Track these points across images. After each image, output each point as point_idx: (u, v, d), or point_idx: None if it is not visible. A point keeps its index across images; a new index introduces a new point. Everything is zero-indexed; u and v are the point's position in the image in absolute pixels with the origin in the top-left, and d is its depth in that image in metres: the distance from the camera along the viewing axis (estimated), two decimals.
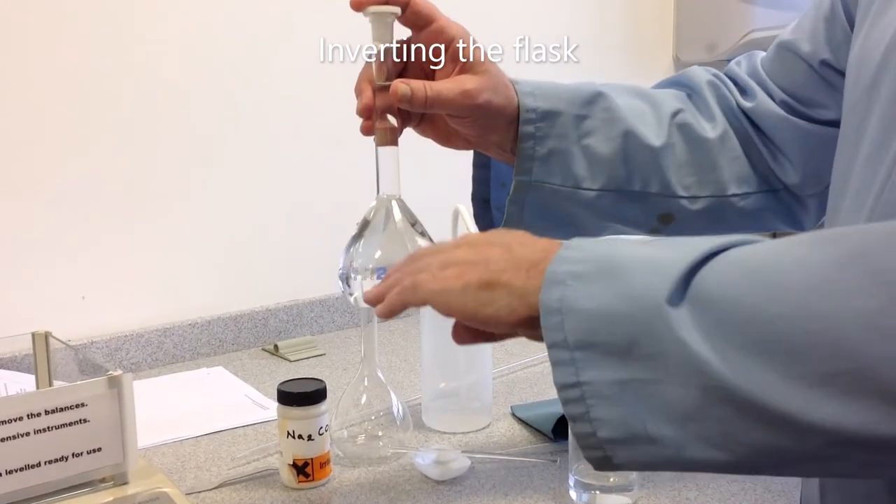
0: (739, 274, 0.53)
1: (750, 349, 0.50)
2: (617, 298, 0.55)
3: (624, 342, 0.54)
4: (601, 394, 0.55)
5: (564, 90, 0.90)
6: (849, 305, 0.49)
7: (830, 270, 0.50)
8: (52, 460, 0.84)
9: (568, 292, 0.56)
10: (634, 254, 0.57)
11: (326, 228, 1.55)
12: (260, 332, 1.50)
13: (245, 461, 1.05)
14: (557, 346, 0.56)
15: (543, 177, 0.87)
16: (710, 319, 0.52)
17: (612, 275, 0.56)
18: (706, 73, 0.98)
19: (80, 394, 0.85)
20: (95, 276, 1.38)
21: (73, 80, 1.32)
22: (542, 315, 0.57)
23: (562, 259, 0.58)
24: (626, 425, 0.54)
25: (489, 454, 1.06)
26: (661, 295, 0.53)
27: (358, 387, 1.07)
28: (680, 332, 0.52)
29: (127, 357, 1.38)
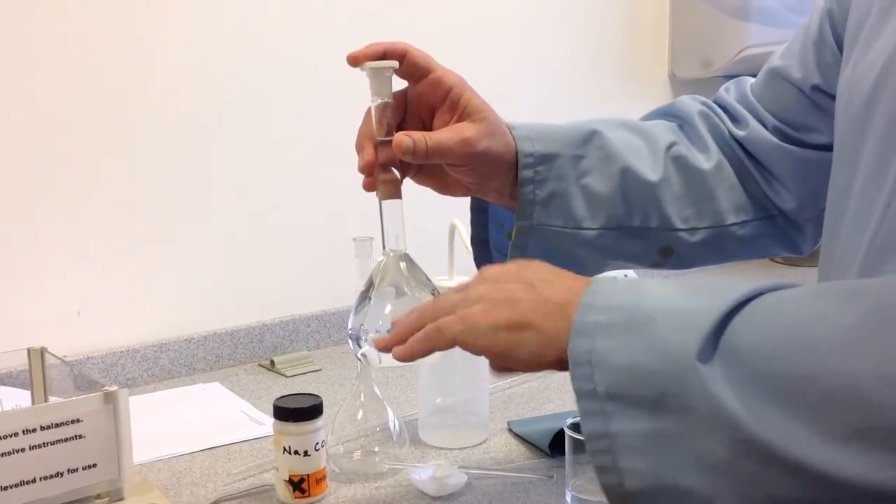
0: (767, 331, 0.54)
1: (780, 405, 0.51)
2: (646, 353, 0.56)
3: (654, 395, 0.55)
4: (630, 445, 0.56)
5: (560, 131, 0.90)
6: (874, 364, 0.50)
7: (854, 328, 0.51)
8: (47, 476, 0.84)
9: (597, 344, 0.57)
10: (662, 305, 0.57)
11: (323, 244, 1.55)
12: (256, 347, 1.50)
13: (241, 477, 1.05)
14: (587, 397, 0.57)
15: (545, 220, 0.87)
16: (739, 376, 0.53)
17: (641, 328, 0.56)
18: (696, 104, 0.99)
19: (76, 409, 0.85)
20: (91, 292, 1.38)
21: (72, 96, 1.33)
22: (571, 365, 0.58)
23: (588, 308, 0.59)
24: (654, 476, 0.55)
25: (486, 470, 1.06)
26: (691, 351, 0.54)
27: (354, 402, 1.07)
28: (711, 387, 0.53)
29: (122, 373, 1.38)
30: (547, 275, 0.65)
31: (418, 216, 1.02)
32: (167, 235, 1.43)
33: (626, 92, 1.92)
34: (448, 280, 1.17)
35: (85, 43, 1.33)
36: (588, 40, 1.87)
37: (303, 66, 1.51)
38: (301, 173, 1.53)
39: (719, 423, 0.53)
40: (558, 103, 1.82)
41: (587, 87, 1.87)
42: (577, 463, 0.93)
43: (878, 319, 0.51)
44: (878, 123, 0.71)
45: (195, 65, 1.42)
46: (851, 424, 0.49)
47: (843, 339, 0.51)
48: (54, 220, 1.33)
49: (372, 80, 0.81)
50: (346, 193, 1.55)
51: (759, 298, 0.56)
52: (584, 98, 1.86)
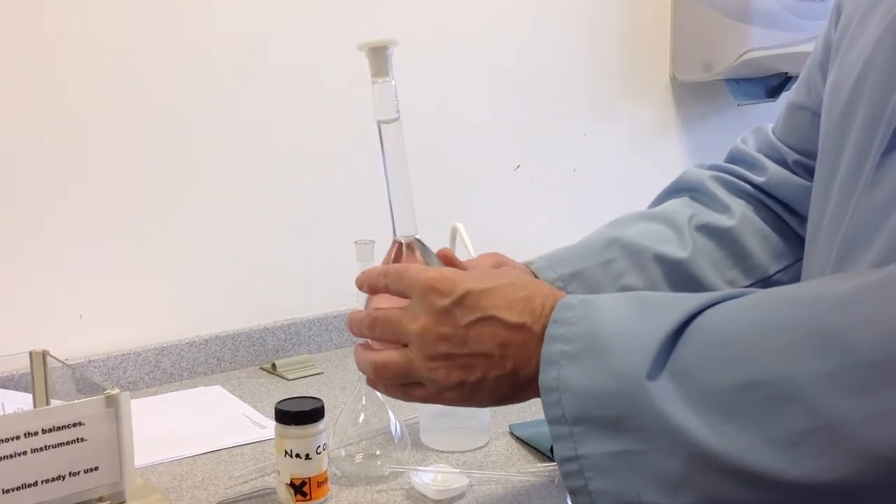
0: (711, 345, 0.56)
1: (728, 415, 0.54)
2: (603, 376, 0.59)
3: (614, 416, 0.58)
4: (597, 466, 0.59)
5: (576, 249, 0.91)
6: (809, 368, 0.52)
7: (792, 335, 0.53)
8: (49, 479, 0.84)
9: (562, 372, 0.61)
10: (615, 329, 0.60)
11: (325, 247, 1.55)
12: (258, 350, 1.50)
13: (242, 480, 1.05)
14: (557, 422, 0.61)
15: None
16: (688, 390, 0.55)
17: (598, 353, 0.60)
18: (704, 171, 0.99)
19: (78, 413, 0.85)
20: (93, 295, 1.38)
21: (72, 100, 1.33)
22: (542, 394, 0.62)
23: (552, 339, 0.62)
24: (621, 496, 0.58)
25: (487, 473, 1.06)
26: (641, 371, 0.57)
27: (356, 405, 1.07)
28: (661, 404, 0.56)
29: (124, 376, 1.38)
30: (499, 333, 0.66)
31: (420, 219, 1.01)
32: (169, 239, 1.43)
33: (627, 95, 1.92)
34: None
35: (85, 45, 1.33)
36: (589, 43, 1.87)
37: (304, 69, 1.51)
38: (302, 177, 1.53)
39: (673, 439, 0.55)
40: (559, 106, 1.82)
41: (588, 89, 1.87)
42: None
43: (809, 327, 0.53)
44: (858, 123, 0.72)
45: (196, 69, 1.42)
46: (796, 428, 0.51)
47: (778, 346, 0.53)
48: (56, 223, 1.34)
49: (372, 61, 0.79)
50: (348, 197, 1.56)
51: (703, 313, 0.58)
52: (586, 101, 1.86)
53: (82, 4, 1.32)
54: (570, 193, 1.82)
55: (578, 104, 1.86)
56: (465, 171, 1.67)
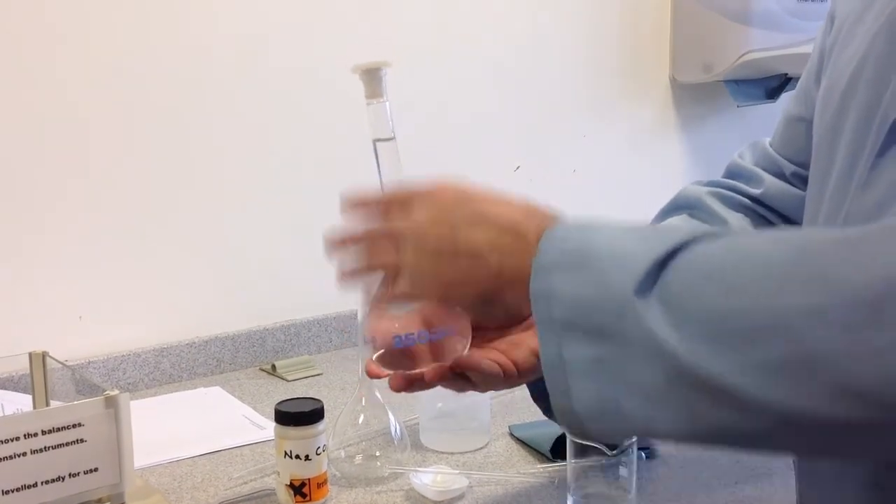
0: (702, 270, 0.58)
1: (711, 340, 0.55)
2: (593, 287, 0.60)
3: (599, 325, 0.60)
4: (579, 369, 0.60)
5: None
6: (798, 301, 0.53)
7: (782, 269, 0.55)
8: (48, 480, 0.84)
9: (554, 280, 0.62)
10: (610, 246, 0.62)
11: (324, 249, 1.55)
12: (257, 351, 1.50)
13: (242, 481, 1.05)
14: (545, 326, 0.62)
15: None
16: (674, 311, 0.57)
17: (590, 266, 0.61)
18: (701, 187, 0.99)
19: (77, 414, 0.85)
20: (92, 296, 1.38)
21: (72, 100, 1.33)
22: (532, 300, 0.63)
23: (547, 250, 0.64)
24: (599, 400, 0.60)
25: (487, 474, 1.06)
26: (630, 286, 0.58)
27: (355, 406, 1.07)
28: (646, 320, 0.57)
29: (124, 377, 1.38)
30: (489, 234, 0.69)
31: None
32: (168, 240, 1.43)
33: (627, 95, 1.92)
34: None
35: (85, 46, 1.33)
36: (589, 44, 1.87)
37: (303, 69, 1.51)
38: (302, 177, 1.53)
39: (655, 353, 0.57)
40: (559, 107, 1.82)
41: (588, 91, 1.87)
42: (579, 467, 0.93)
43: (804, 262, 0.55)
44: (850, 125, 0.72)
45: (196, 70, 1.42)
46: (778, 356, 0.53)
47: (770, 278, 0.55)
48: (56, 224, 1.34)
49: (366, 83, 0.79)
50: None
51: (699, 241, 0.60)
52: (586, 101, 1.86)
53: (83, 4, 1.32)
54: (570, 194, 1.82)
55: (578, 105, 1.86)
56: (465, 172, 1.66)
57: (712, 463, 1.08)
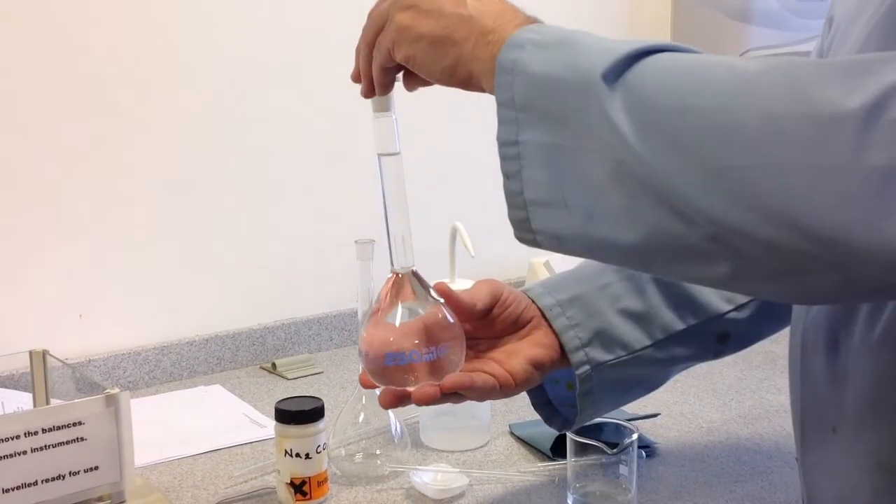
0: (674, 68, 0.57)
1: (664, 134, 0.55)
2: (561, 66, 0.60)
3: (561, 108, 0.59)
4: (534, 154, 0.61)
5: (572, 275, 0.91)
6: (760, 105, 0.52)
7: (753, 74, 0.54)
8: (49, 479, 0.84)
9: (524, 55, 0.62)
10: (593, 37, 0.62)
11: (325, 247, 1.55)
12: (258, 350, 1.50)
13: (242, 480, 1.05)
14: (505, 105, 0.62)
15: (599, 357, 0.86)
16: (635, 101, 0.56)
17: (565, 46, 0.61)
18: None
19: (78, 412, 0.85)
20: (93, 295, 1.38)
21: (74, 99, 1.33)
22: (496, 73, 0.62)
23: (528, 28, 0.64)
24: (547, 187, 0.60)
25: (487, 472, 1.06)
26: (598, 69, 0.58)
27: (356, 405, 1.07)
28: (607, 107, 0.57)
29: (124, 375, 1.38)
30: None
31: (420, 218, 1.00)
32: (169, 239, 1.43)
33: None
34: (449, 282, 1.17)
35: (86, 45, 1.33)
36: None
37: (305, 70, 1.51)
38: (303, 176, 1.53)
39: (608, 142, 0.56)
40: None
41: None
42: (579, 466, 0.93)
43: (777, 70, 0.53)
44: None
45: (198, 69, 1.42)
46: (719, 161, 0.52)
47: (739, 80, 0.54)
48: (56, 223, 1.34)
49: (373, 99, 0.78)
50: (348, 196, 1.56)
51: (683, 47, 0.59)
52: None
53: (86, 4, 1.32)
54: None
55: None
56: (466, 171, 1.66)
57: (713, 461, 1.08)
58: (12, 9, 1.27)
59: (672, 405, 1.25)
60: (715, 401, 1.27)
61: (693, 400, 1.27)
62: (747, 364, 1.38)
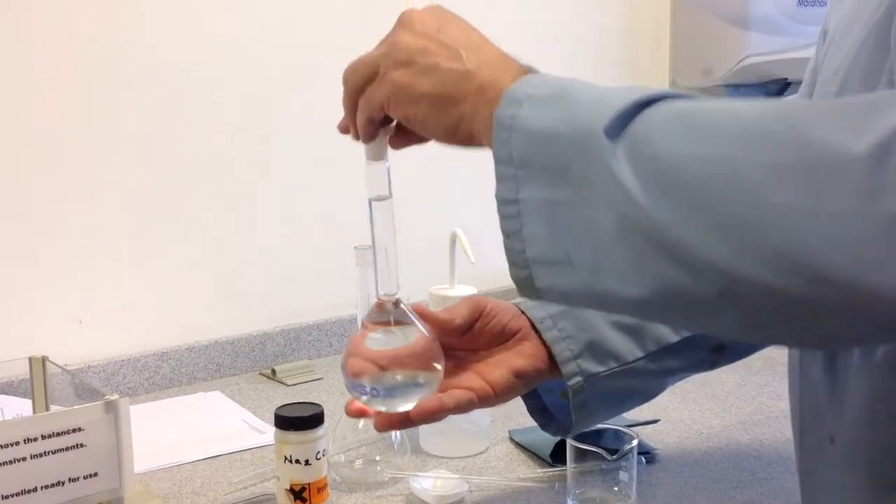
0: (676, 119, 0.56)
1: (669, 186, 0.53)
2: (561, 121, 0.58)
3: (561, 163, 0.58)
4: (535, 211, 0.59)
5: None
6: (765, 153, 0.51)
7: (755, 122, 0.53)
8: (48, 485, 0.84)
9: (521, 112, 0.60)
10: (590, 87, 0.61)
11: (324, 253, 1.55)
12: (257, 356, 1.50)
13: (242, 486, 1.05)
14: (504, 162, 0.61)
15: (592, 369, 0.85)
16: (638, 155, 0.55)
17: (563, 100, 0.60)
18: None
19: (77, 418, 0.85)
20: (92, 301, 1.38)
21: (75, 104, 1.33)
22: (494, 129, 0.61)
23: (524, 82, 0.63)
24: (550, 244, 0.59)
25: (487, 479, 1.06)
26: (599, 125, 0.56)
27: None
28: (609, 161, 0.55)
29: (124, 381, 1.38)
30: (473, 39, 0.68)
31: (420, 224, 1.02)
32: (168, 245, 1.43)
33: None
34: (449, 289, 1.17)
35: (88, 47, 1.33)
36: (588, 49, 1.87)
37: (304, 77, 1.51)
38: (302, 182, 1.53)
39: (612, 195, 0.55)
40: None
41: None
42: (579, 472, 0.93)
43: (780, 118, 0.52)
44: None
45: (198, 73, 1.42)
46: (725, 210, 0.51)
47: (740, 128, 0.53)
48: (56, 229, 1.34)
49: (368, 146, 0.79)
50: (347, 202, 1.56)
51: (681, 96, 0.58)
52: None
53: (88, 5, 1.32)
54: None
55: None
56: (466, 177, 1.67)
57: (712, 467, 1.08)
58: (11, 8, 1.27)
59: (672, 411, 1.25)
60: (715, 406, 1.27)
61: (693, 406, 1.27)
62: (747, 370, 1.38)
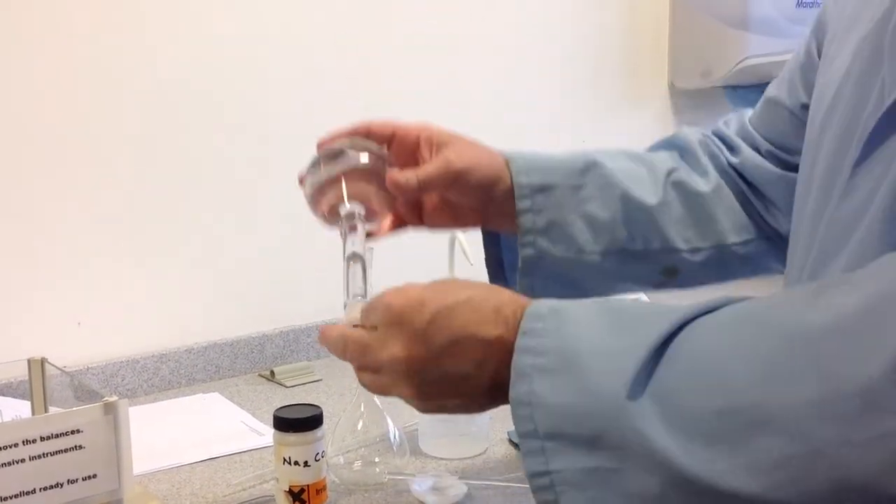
0: (690, 369, 0.56)
1: (707, 440, 0.53)
2: (580, 394, 0.58)
3: (590, 435, 0.57)
4: (569, 481, 0.58)
5: (558, 163, 0.92)
6: (790, 395, 0.51)
7: (772, 363, 0.53)
8: (47, 487, 0.84)
9: (535, 386, 0.60)
10: (590, 346, 0.59)
11: (322, 254, 1.55)
12: (256, 357, 1.50)
13: (241, 488, 1.05)
14: (528, 437, 0.60)
15: (547, 247, 0.89)
16: (667, 413, 0.55)
17: (573, 369, 0.59)
18: (697, 134, 1.01)
19: (76, 420, 0.85)
20: (91, 302, 1.38)
21: (74, 108, 1.33)
22: (512, 407, 0.61)
23: (523, 350, 0.61)
24: None
25: (486, 480, 1.06)
26: (621, 392, 0.56)
27: (354, 412, 1.07)
28: (641, 425, 0.55)
29: (123, 383, 1.38)
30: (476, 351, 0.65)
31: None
32: (167, 246, 1.43)
33: (626, 102, 1.93)
34: None
35: (88, 47, 1.33)
36: (588, 51, 1.87)
37: (304, 77, 1.51)
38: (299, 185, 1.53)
39: (651, 459, 0.54)
40: (559, 114, 1.82)
41: (587, 97, 1.87)
42: None
43: (792, 351, 0.53)
44: (833, 135, 0.73)
45: (198, 73, 1.42)
46: (776, 454, 0.51)
47: (763, 371, 0.53)
48: (55, 229, 1.34)
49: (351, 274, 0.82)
50: None
51: (682, 333, 0.58)
52: (585, 109, 1.87)
53: (84, 4, 1.32)
54: None
55: (577, 111, 1.86)
56: None
57: None
58: (11, 8, 1.27)
59: None
60: None
61: None
62: None
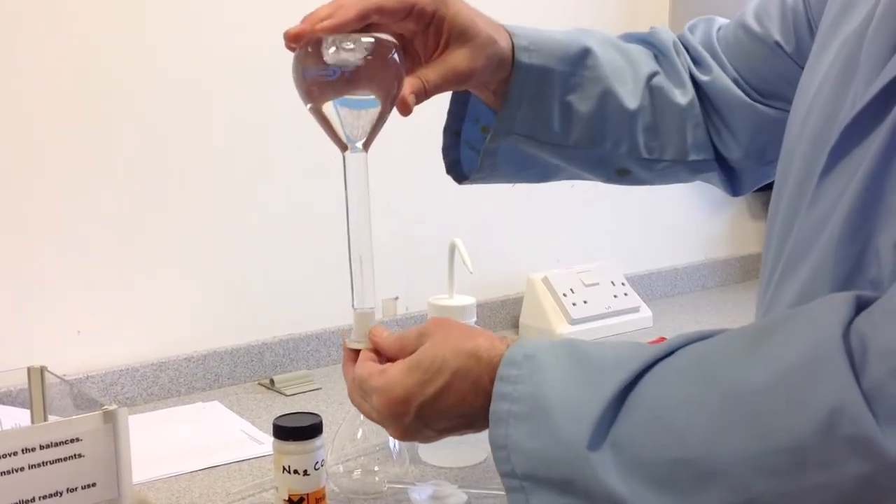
0: (645, 420, 0.61)
1: (660, 490, 0.58)
2: (549, 440, 0.63)
3: (561, 479, 0.63)
4: None
5: (558, 46, 0.93)
6: (733, 450, 0.56)
7: (717, 418, 0.58)
8: (46, 495, 0.84)
9: (510, 430, 0.65)
10: (558, 394, 0.64)
11: (322, 262, 1.55)
12: (256, 366, 1.50)
13: (240, 496, 1.05)
14: (508, 476, 0.66)
15: (523, 130, 0.91)
16: (625, 462, 0.60)
17: (542, 416, 0.64)
18: (671, 36, 1.01)
19: (75, 429, 0.85)
20: (90, 311, 1.37)
21: (67, 113, 1.33)
22: (492, 449, 0.67)
23: (501, 396, 0.67)
24: None
25: (486, 489, 1.06)
26: (582, 440, 0.61)
27: (354, 421, 1.07)
28: (601, 474, 0.60)
29: (122, 391, 1.38)
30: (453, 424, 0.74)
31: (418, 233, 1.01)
32: (167, 255, 1.43)
33: None
34: (448, 299, 1.17)
35: (88, 47, 1.33)
36: None
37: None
38: (300, 192, 1.54)
39: None
40: None
41: None
42: None
43: (735, 405, 0.57)
44: (805, 144, 0.74)
45: (199, 73, 1.42)
46: (720, 502, 0.56)
47: (704, 425, 0.58)
48: (54, 239, 1.34)
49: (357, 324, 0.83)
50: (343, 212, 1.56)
51: (640, 383, 0.62)
52: None
53: (88, 8, 1.33)
54: (570, 207, 1.83)
55: None
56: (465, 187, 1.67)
57: None
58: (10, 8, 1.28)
59: None
60: None
61: None
62: None
